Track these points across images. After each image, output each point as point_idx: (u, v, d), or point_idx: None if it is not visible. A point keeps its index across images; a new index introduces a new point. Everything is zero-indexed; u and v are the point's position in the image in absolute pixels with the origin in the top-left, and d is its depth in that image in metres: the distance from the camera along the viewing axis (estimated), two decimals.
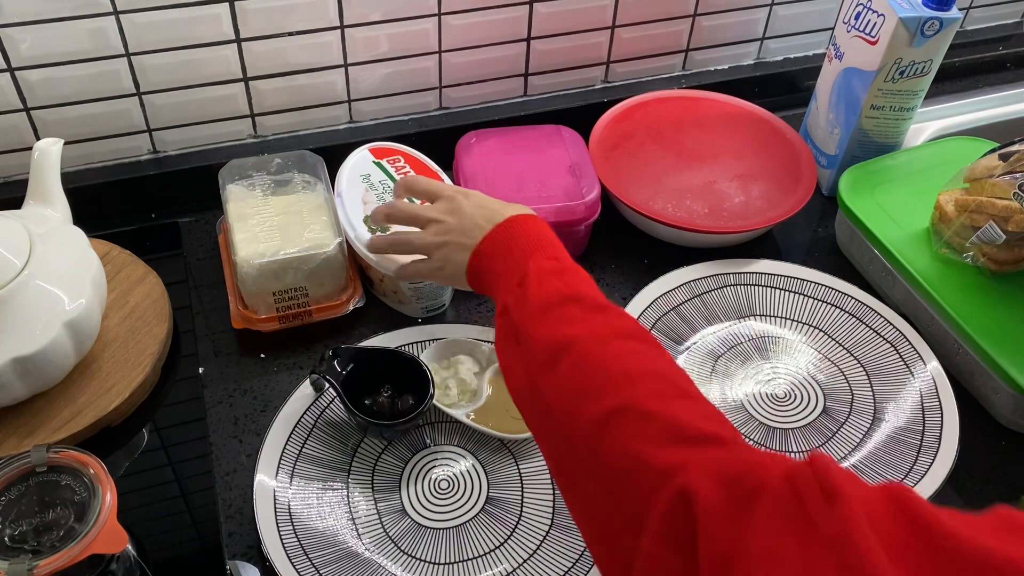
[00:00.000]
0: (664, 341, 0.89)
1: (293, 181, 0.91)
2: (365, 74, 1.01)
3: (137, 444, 0.81)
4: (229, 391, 0.84)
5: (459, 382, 0.83)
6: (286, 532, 0.72)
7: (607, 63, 1.12)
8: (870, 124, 1.00)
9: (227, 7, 0.90)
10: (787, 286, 0.94)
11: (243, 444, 0.80)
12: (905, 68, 0.95)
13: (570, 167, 0.96)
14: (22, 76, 0.88)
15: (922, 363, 0.87)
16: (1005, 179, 0.85)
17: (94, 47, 0.89)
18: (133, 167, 0.98)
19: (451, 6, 0.99)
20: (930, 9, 0.91)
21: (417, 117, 1.07)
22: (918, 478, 0.78)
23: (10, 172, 0.95)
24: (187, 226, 0.98)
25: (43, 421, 0.77)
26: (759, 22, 1.16)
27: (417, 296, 0.88)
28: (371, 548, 0.73)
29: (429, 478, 0.79)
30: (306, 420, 0.80)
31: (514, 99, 1.11)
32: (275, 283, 0.84)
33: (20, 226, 0.77)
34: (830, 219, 1.03)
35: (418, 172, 0.94)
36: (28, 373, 0.74)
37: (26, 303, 0.74)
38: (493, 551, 0.74)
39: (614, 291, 0.95)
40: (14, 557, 0.60)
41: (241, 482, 0.77)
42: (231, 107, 0.98)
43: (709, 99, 1.09)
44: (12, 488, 0.64)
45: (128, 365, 0.82)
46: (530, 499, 0.78)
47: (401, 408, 0.79)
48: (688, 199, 0.97)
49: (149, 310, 0.87)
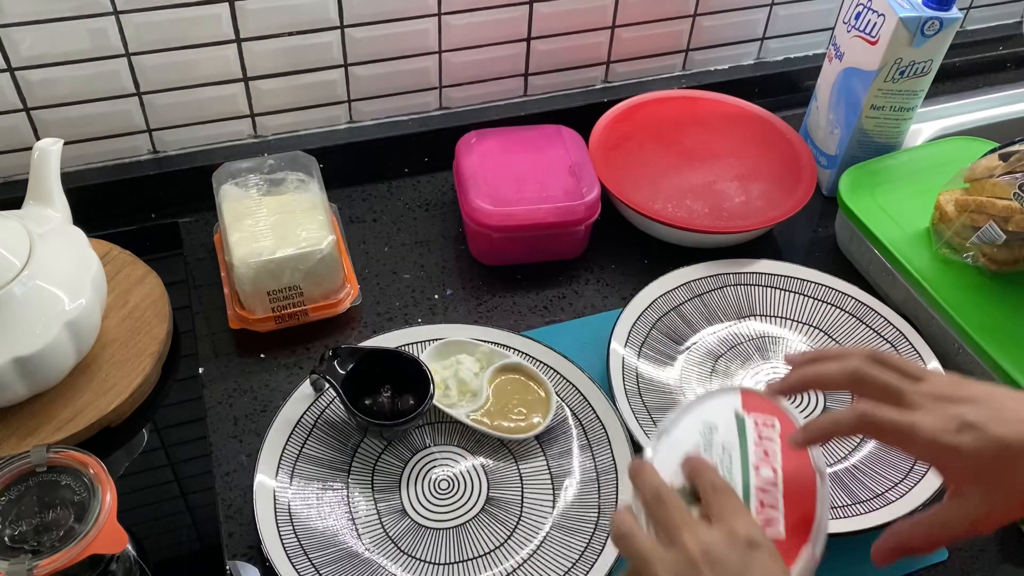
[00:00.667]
0: (664, 341, 0.89)
1: (287, 181, 0.91)
2: (365, 74, 1.01)
3: (137, 444, 0.81)
4: (229, 391, 0.84)
5: (459, 382, 0.83)
6: (286, 532, 0.72)
7: (607, 63, 1.12)
8: (870, 124, 1.00)
9: (227, 7, 0.90)
10: (787, 286, 0.94)
11: (243, 444, 0.80)
12: (905, 68, 0.95)
13: (570, 167, 0.96)
14: (22, 76, 0.88)
15: (922, 363, 0.87)
16: (1005, 179, 0.85)
17: (94, 47, 0.89)
18: (133, 167, 0.98)
19: (451, 6, 0.99)
20: (930, 9, 0.91)
21: (417, 117, 1.07)
22: (918, 478, 0.77)
23: (10, 172, 0.95)
24: (187, 226, 0.98)
25: (43, 421, 0.77)
26: (759, 22, 1.16)
27: None
28: (371, 548, 0.73)
29: (429, 478, 0.79)
30: (306, 420, 0.80)
31: (514, 99, 1.11)
32: (271, 283, 0.84)
33: (20, 226, 0.77)
34: (830, 219, 1.03)
35: (786, 451, 0.61)
36: (28, 373, 0.74)
37: (26, 303, 0.74)
38: (493, 551, 0.74)
39: (614, 291, 0.95)
40: (14, 557, 0.60)
41: (241, 482, 0.77)
42: (231, 107, 0.99)
43: (709, 99, 1.09)
44: (12, 488, 0.64)
45: (128, 365, 0.82)
46: (530, 499, 0.78)
47: (401, 408, 0.79)
48: (688, 199, 0.97)
49: (149, 310, 0.87)
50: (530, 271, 0.96)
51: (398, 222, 1.01)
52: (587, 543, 0.74)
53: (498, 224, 0.91)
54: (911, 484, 0.77)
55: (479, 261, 0.97)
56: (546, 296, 0.94)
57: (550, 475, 0.79)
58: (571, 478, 0.79)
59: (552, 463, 0.80)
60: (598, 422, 0.81)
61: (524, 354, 0.86)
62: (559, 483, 0.78)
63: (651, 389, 0.85)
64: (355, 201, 1.03)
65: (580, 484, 0.78)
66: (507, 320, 0.92)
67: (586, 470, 0.79)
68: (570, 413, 0.83)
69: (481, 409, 0.81)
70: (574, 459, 0.80)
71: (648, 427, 0.81)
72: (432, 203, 1.03)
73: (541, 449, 0.81)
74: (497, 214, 0.91)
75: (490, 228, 0.91)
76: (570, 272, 0.97)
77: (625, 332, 0.88)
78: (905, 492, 0.76)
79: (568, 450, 0.81)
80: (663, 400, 0.84)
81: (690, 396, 0.85)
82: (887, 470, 0.79)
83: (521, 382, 0.83)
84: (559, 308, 0.93)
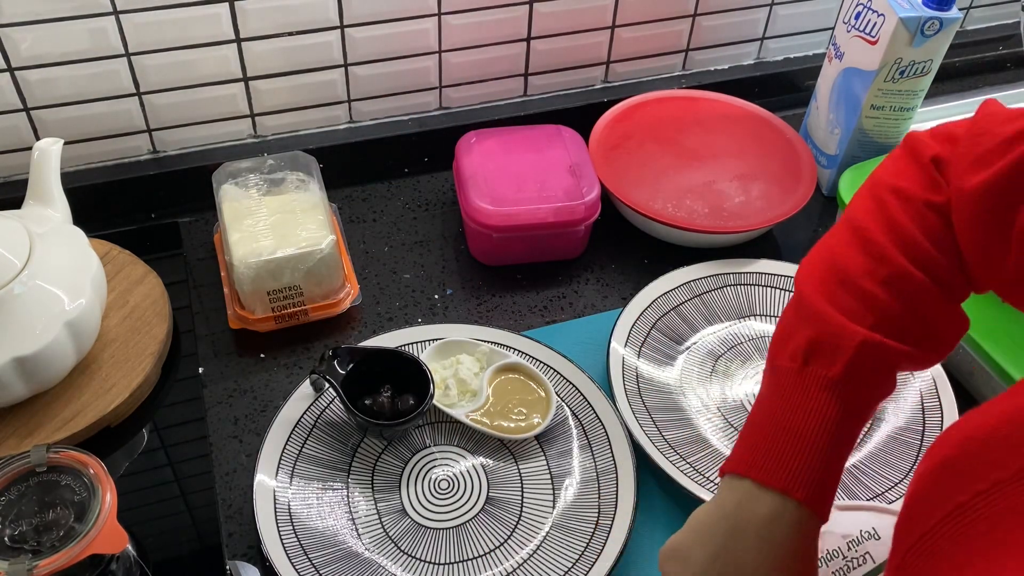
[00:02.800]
0: (664, 341, 0.89)
1: (286, 181, 0.91)
2: (365, 74, 1.01)
3: (137, 444, 0.81)
4: (229, 391, 0.84)
5: (459, 382, 0.83)
6: (286, 532, 0.72)
7: (607, 63, 1.12)
8: (870, 124, 1.00)
9: (227, 7, 0.90)
10: (787, 286, 0.94)
11: (243, 444, 0.80)
12: (905, 68, 0.95)
13: (570, 167, 0.96)
14: (22, 76, 0.88)
15: None
16: None
17: (94, 47, 0.89)
18: (133, 167, 0.98)
19: (451, 6, 0.99)
20: (930, 9, 0.91)
21: (417, 117, 1.07)
22: None
23: (10, 172, 0.95)
24: (187, 226, 0.98)
25: (43, 421, 0.77)
26: (759, 22, 1.16)
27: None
28: (371, 548, 0.73)
29: (429, 478, 0.79)
30: (306, 420, 0.80)
31: (514, 99, 1.11)
32: (271, 283, 0.84)
33: (20, 226, 0.77)
34: (830, 219, 1.03)
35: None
36: (28, 373, 0.74)
37: (26, 303, 0.74)
38: (493, 551, 0.74)
39: (614, 291, 0.95)
40: (14, 557, 0.60)
41: (241, 482, 0.77)
42: (231, 107, 0.99)
43: (709, 99, 1.09)
44: (12, 488, 0.64)
45: (128, 365, 0.82)
46: (530, 499, 0.78)
47: (401, 408, 0.79)
48: (688, 199, 0.97)
49: (149, 310, 0.87)
50: (530, 271, 0.96)
51: (398, 222, 1.01)
52: (587, 543, 0.74)
53: (498, 224, 0.91)
54: None
55: (479, 261, 0.97)
56: (546, 296, 0.94)
57: (550, 475, 0.79)
58: (571, 478, 0.79)
59: (552, 463, 0.80)
60: (598, 422, 0.81)
61: (524, 354, 0.86)
62: (559, 483, 0.78)
63: (651, 389, 0.85)
64: (355, 201, 1.03)
65: (580, 484, 0.78)
66: (507, 320, 0.92)
67: (586, 470, 0.79)
68: (570, 413, 0.83)
69: (481, 409, 0.81)
70: (574, 459, 0.80)
71: (648, 427, 0.81)
72: (432, 203, 1.03)
73: (541, 449, 0.81)
74: (497, 214, 0.91)
75: (490, 228, 0.91)
76: (570, 272, 0.97)
77: (625, 332, 0.88)
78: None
79: (568, 450, 0.81)
80: (663, 400, 0.84)
81: (690, 396, 0.85)
82: (887, 470, 0.79)
83: (521, 382, 0.84)
84: (559, 308, 0.93)
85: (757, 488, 0.55)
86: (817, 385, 0.55)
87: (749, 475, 0.56)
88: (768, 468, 0.55)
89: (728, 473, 0.57)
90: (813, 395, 0.55)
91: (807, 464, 0.54)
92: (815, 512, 0.54)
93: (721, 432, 0.83)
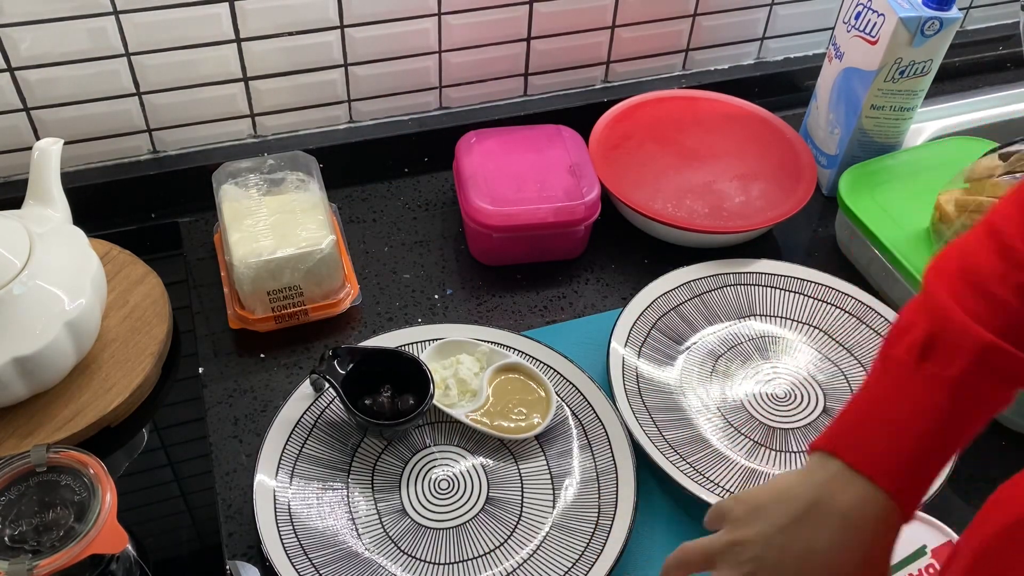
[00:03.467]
0: (664, 341, 0.89)
1: (286, 180, 0.91)
2: (365, 74, 1.01)
3: (137, 444, 0.81)
4: (229, 391, 0.84)
5: (459, 382, 0.83)
6: (286, 532, 0.72)
7: (607, 63, 1.12)
8: (870, 124, 1.00)
9: (227, 7, 0.90)
10: (787, 286, 0.94)
11: (243, 444, 0.80)
12: (905, 68, 0.95)
13: (570, 167, 0.96)
14: (22, 76, 0.88)
15: None
16: (1005, 179, 0.85)
17: (94, 47, 0.89)
18: (133, 167, 0.98)
19: (451, 6, 0.99)
20: (930, 9, 0.91)
21: (417, 117, 1.07)
22: None
23: (10, 172, 0.95)
24: (187, 226, 0.98)
25: (43, 421, 0.77)
26: (759, 22, 1.16)
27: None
28: (371, 548, 0.73)
29: (429, 478, 0.79)
30: (306, 420, 0.80)
31: (514, 99, 1.11)
32: (271, 283, 0.84)
33: (20, 226, 0.77)
34: (830, 219, 1.03)
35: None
36: (28, 373, 0.74)
37: (26, 303, 0.74)
38: (493, 551, 0.74)
39: (614, 291, 0.95)
40: (14, 557, 0.60)
41: (241, 482, 0.77)
42: (231, 107, 0.99)
43: (709, 99, 1.09)
44: (12, 488, 0.64)
45: (128, 365, 0.82)
46: (530, 499, 0.78)
47: (401, 408, 0.79)
48: (688, 199, 0.97)
49: (149, 310, 0.87)
50: (530, 271, 0.96)
51: (398, 222, 1.01)
52: (587, 543, 0.74)
53: (498, 224, 0.91)
54: None
55: (479, 261, 0.97)
56: (546, 296, 0.94)
57: (550, 475, 0.79)
58: (571, 478, 0.79)
59: (552, 463, 0.80)
60: (598, 422, 0.81)
61: (524, 354, 0.86)
62: (559, 483, 0.78)
63: (651, 389, 0.85)
64: (355, 201, 1.03)
65: (580, 484, 0.78)
66: (507, 320, 0.92)
67: (586, 470, 0.79)
68: (570, 413, 0.83)
69: (481, 409, 0.81)
70: (574, 459, 0.80)
71: (648, 427, 0.81)
72: (432, 203, 1.03)
73: (541, 449, 0.81)
74: (497, 214, 0.91)
75: (490, 228, 0.91)
76: (570, 272, 0.97)
77: (625, 332, 0.88)
78: None
79: (568, 450, 0.81)
80: (663, 400, 0.84)
81: (690, 396, 0.85)
82: None
83: (521, 382, 0.84)
84: (559, 308, 0.93)
85: (848, 471, 0.54)
86: (930, 383, 0.53)
87: (840, 453, 0.55)
88: (862, 452, 0.54)
89: (819, 450, 0.56)
90: (924, 392, 0.53)
91: (903, 458, 0.53)
92: (902, 508, 0.53)
93: (721, 432, 0.83)
